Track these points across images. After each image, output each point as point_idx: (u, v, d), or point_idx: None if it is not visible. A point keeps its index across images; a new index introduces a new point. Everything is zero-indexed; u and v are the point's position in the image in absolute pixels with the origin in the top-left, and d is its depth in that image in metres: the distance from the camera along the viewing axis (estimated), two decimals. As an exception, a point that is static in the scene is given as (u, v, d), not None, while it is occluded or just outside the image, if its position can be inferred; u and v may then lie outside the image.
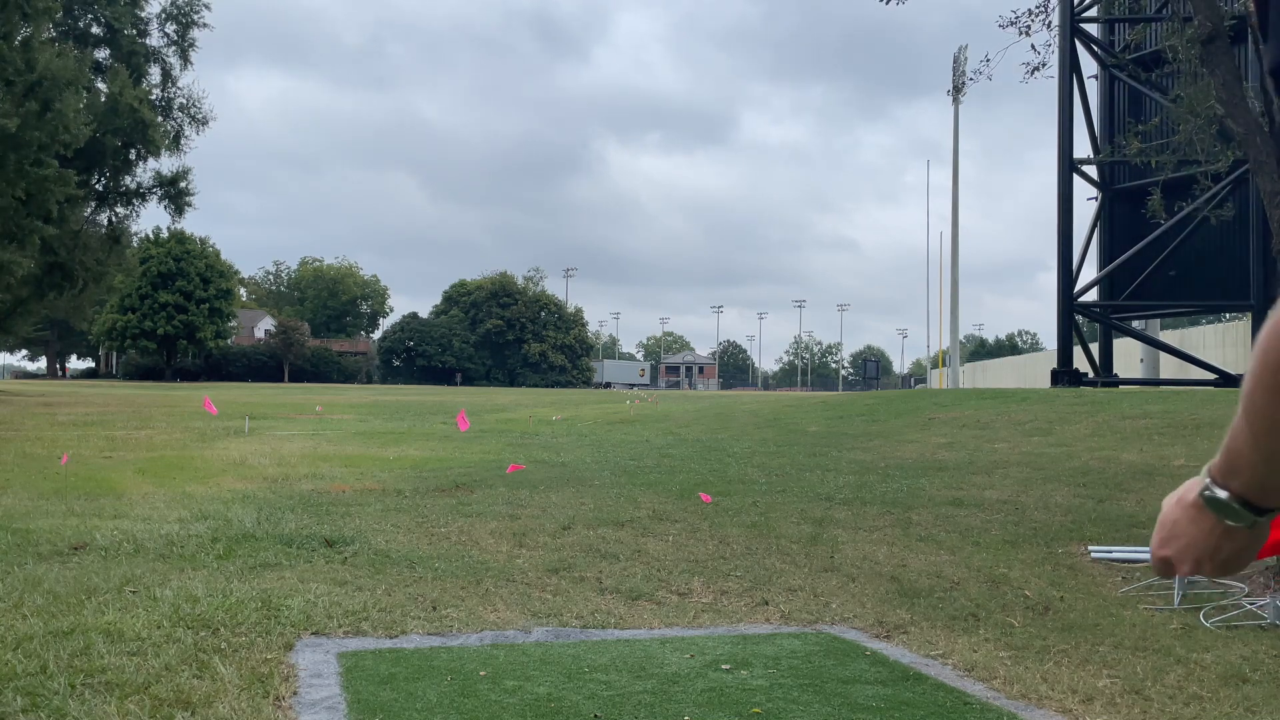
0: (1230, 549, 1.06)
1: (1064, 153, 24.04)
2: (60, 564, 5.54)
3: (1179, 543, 1.10)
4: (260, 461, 11.82)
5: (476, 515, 7.64)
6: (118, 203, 41.72)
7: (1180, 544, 1.10)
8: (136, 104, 36.77)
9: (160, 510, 7.64)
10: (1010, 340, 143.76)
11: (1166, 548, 1.11)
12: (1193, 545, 1.09)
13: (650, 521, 7.53)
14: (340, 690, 3.52)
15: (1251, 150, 6.13)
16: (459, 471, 11.03)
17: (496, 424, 21.71)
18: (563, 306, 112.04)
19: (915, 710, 3.48)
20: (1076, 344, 24.69)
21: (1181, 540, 1.09)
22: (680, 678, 3.79)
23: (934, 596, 5.30)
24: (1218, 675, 3.92)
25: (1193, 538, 1.08)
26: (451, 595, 5.04)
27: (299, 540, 6.37)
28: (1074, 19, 23.54)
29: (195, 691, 3.41)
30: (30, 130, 27.59)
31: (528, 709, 3.39)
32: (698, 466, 11.84)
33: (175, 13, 43.10)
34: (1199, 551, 1.08)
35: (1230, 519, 1.04)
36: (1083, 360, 25.22)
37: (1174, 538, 1.10)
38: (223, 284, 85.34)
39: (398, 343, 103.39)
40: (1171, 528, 1.10)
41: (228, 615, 4.41)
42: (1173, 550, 1.10)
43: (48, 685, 3.42)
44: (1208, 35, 6.22)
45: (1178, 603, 5.12)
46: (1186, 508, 1.08)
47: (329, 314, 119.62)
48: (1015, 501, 8.68)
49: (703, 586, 5.46)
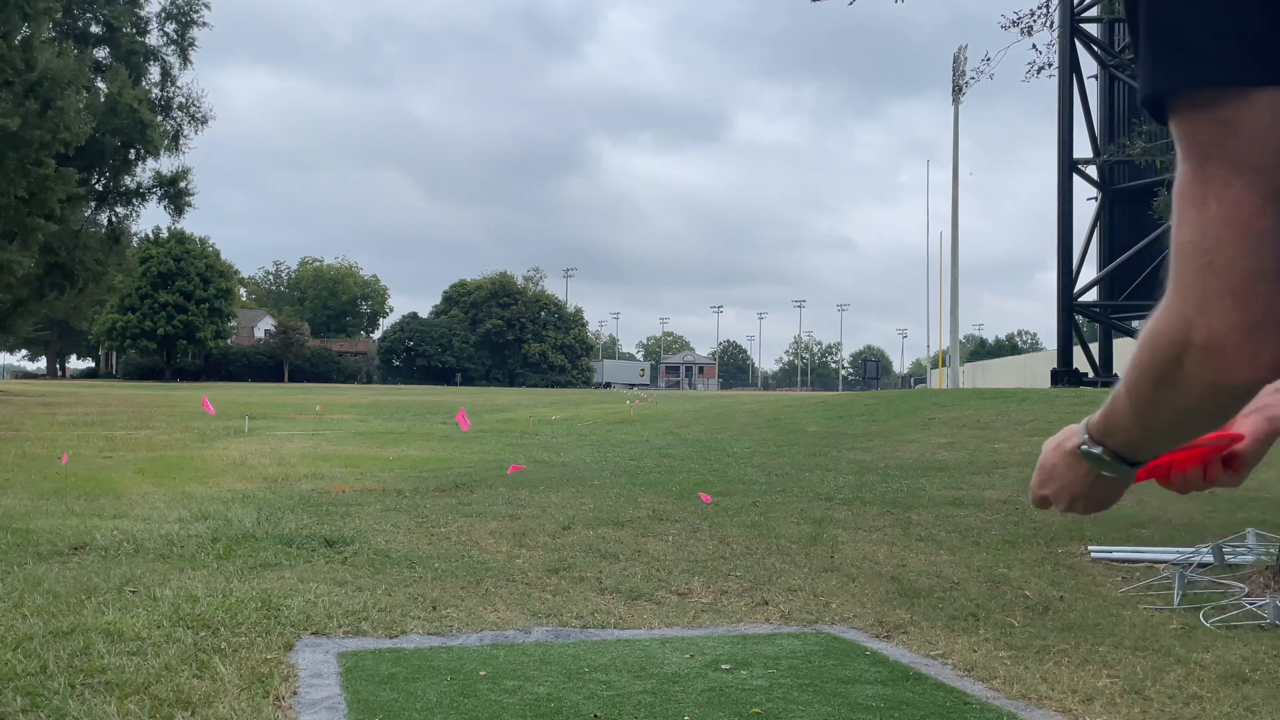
0: (1102, 492, 1.18)
1: (1064, 153, 24.05)
2: (60, 564, 5.54)
3: (1056, 484, 1.21)
4: (260, 461, 11.82)
5: (476, 515, 7.64)
6: (117, 203, 41.73)
7: (1057, 485, 1.21)
8: (136, 104, 36.78)
9: (160, 510, 7.64)
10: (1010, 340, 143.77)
11: (1045, 488, 1.23)
12: (1068, 486, 1.20)
13: (650, 521, 7.53)
14: (340, 690, 3.52)
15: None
16: (459, 471, 11.03)
17: (496, 424, 21.71)
18: (563, 306, 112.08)
19: (915, 710, 3.48)
20: (1076, 344, 24.70)
21: (1059, 482, 1.21)
22: (680, 678, 3.79)
23: (934, 596, 5.30)
24: (1218, 675, 3.92)
25: (1068, 480, 1.19)
26: (451, 595, 5.04)
27: (299, 540, 6.37)
28: (1074, 19, 23.55)
29: (195, 691, 3.41)
30: (31, 130, 27.60)
31: (528, 709, 3.38)
32: (698, 466, 11.84)
33: (175, 12, 43.11)
34: (1074, 492, 1.20)
35: (1105, 470, 1.13)
36: (1083, 360, 25.23)
37: (1052, 479, 1.21)
38: (222, 284, 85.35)
39: (397, 343, 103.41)
40: (1050, 470, 1.21)
41: (228, 615, 4.41)
42: (1051, 490, 1.22)
43: (48, 685, 3.42)
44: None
45: (1178, 603, 5.12)
46: (1064, 454, 1.18)
47: (329, 314, 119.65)
48: (1015, 501, 8.68)
49: (703, 586, 5.46)
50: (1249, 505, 8.23)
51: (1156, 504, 8.48)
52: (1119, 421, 1.07)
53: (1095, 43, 24.47)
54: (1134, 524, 7.55)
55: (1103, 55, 24.54)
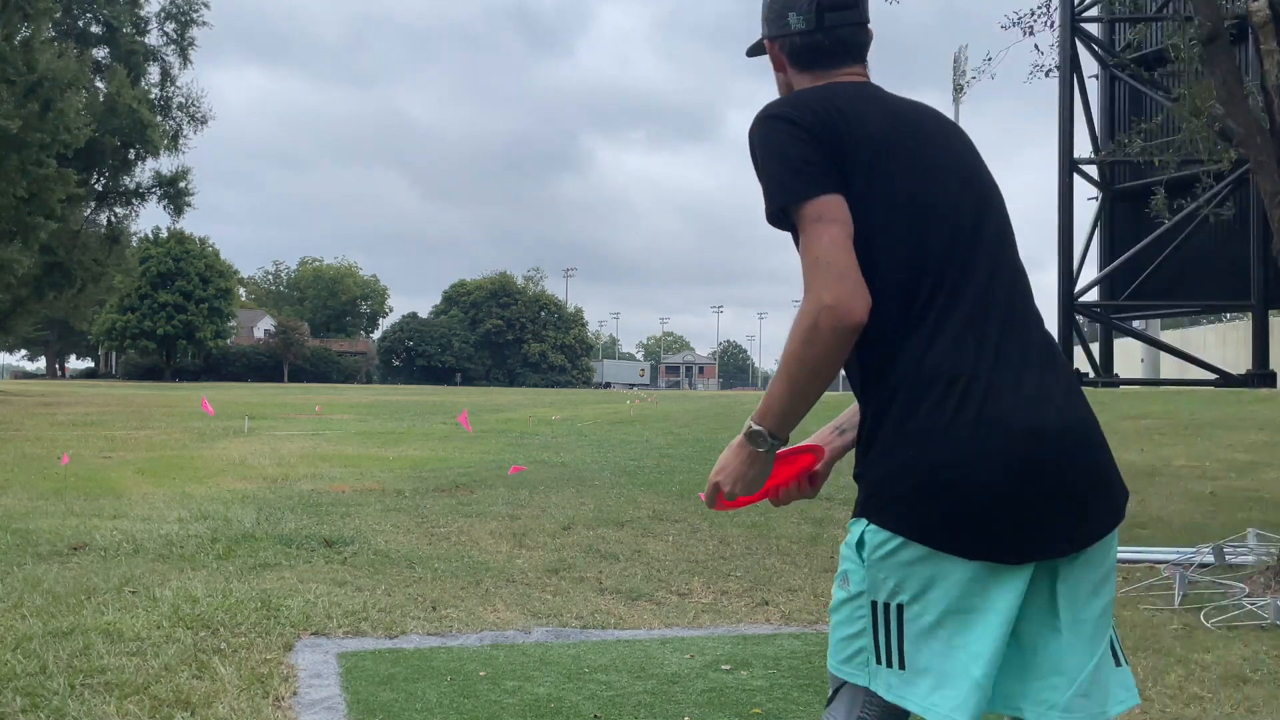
0: (754, 473, 1.67)
1: (1064, 152, 24.05)
2: (60, 564, 5.54)
3: (725, 471, 1.69)
4: (260, 461, 11.82)
5: (476, 515, 7.63)
6: (117, 203, 41.73)
7: (726, 472, 1.69)
8: (135, 104, 36.78)
9: (160, 510, 7.64)
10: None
11: (718, 476, 1.70)
12: (732, 470, 1.68)
13: (650, 521, 7.53)
14: (340, 690, 3.52)
15: (1251, 150, 6.12)
16: (459, 471, 11.03)
17: (496, 424, 21.70)
18: (562, 306, 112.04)
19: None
20: (1077, 344, 24.70)
21: (727, 469, 1.69)
22: (680, 678, 3.78)
23: (934, 597, 5.29)
24: (1218, 676, 3.92)
25: (734, 466, 1.68)
26: (451, 595, 5.04)
27: (299, 540, 6.37)
28: (1075, 19, 23.55)
29: (195, 692, 3.41)
30: (32, 131, 27.60)
31: (528, 709, 3.38)
32: (698, 466, 11.84)
33: (174, 11, 43.09)
34: (735, 474, 1.68)
35: (759, 446, 1.65)
36: (1083, 360, 25.22)
37: (724, 469, 1.69)
38: (222, 284, 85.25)
39: (397, 343, 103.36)
40: (724, 463, 1.69)
41: (227, 615, 4.40)
42: (721, 476, 1.69)
43: (47, 685, 3.42)
44: (1208, 35, 6.21)
45: (1178, 603, 5.12)
46: (735, 448, 1.68)
47: (328, 314, 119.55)
48: (1015, 501, 8.66)
49: (703, 586, 5.46)
50: (1249, 505, 8.22)
51: (1157, 505, 8.47)
52: (772, 401, 1.62)
53: (1096, 42, 24.46)
54: (1134, 524, 7.55)
55: (1103, 55, 24.52)
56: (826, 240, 1.56)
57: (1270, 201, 6.03)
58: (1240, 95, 6.22)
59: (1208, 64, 6.35)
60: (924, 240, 1.63)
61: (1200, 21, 6.23)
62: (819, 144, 1.62)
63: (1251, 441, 11.92)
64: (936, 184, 1.66)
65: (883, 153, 1.65)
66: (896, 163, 1.65)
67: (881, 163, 1.64)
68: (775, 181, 1.64)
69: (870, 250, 1.60)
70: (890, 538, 1.57)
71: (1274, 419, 13.30)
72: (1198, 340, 32.92)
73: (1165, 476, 10.00)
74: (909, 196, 1.64)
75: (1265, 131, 6.09)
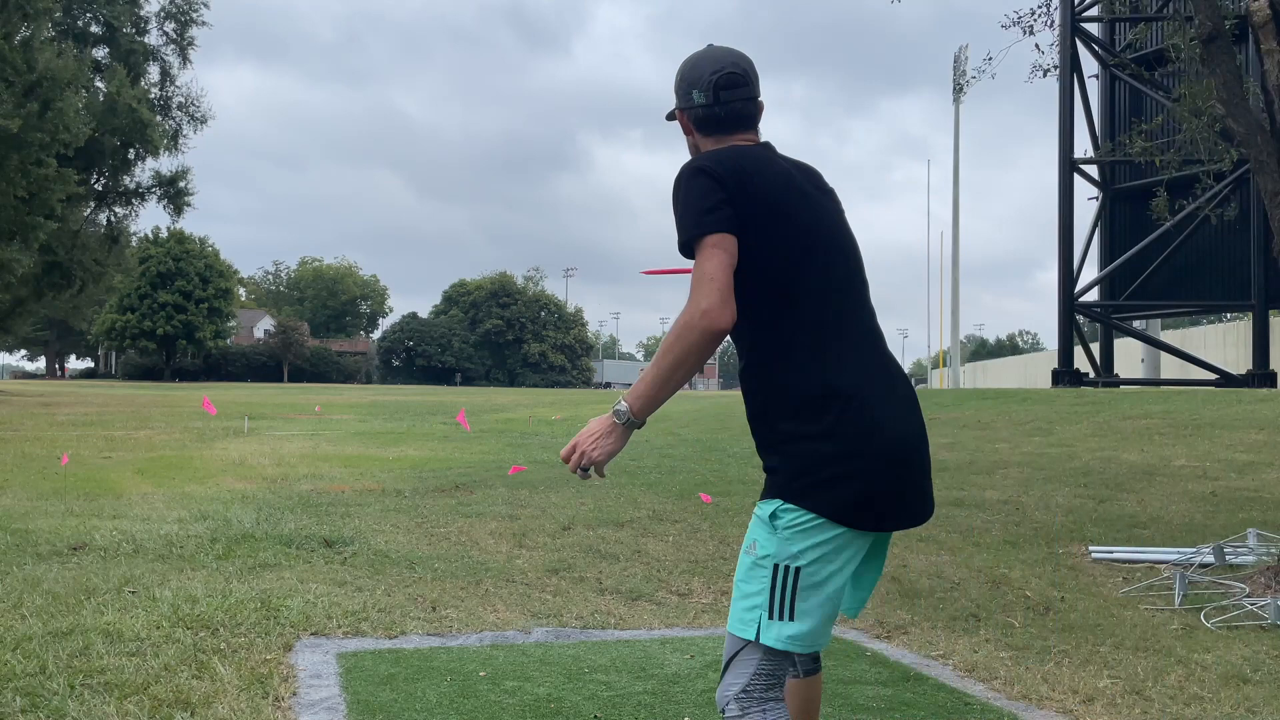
0: (610, 442, 2.06)
1: (1064, 152, 24.03)
2: (60, 564, 5.54)
3: (592, 437, 2.07)
4: (260, 461, 11.82)
5: (476, 515, 7.63)
6: (117, 202, 41.69)
7: (593, 439, 2.06)
8: (135, 103, 36.73)
9: (159, 510, 7.64)
10: (1011, 340, 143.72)
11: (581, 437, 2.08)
12: (597, 437, 2.06)
13: (650, 521, 7.53)
14: (340, 691, 3.51)
15: (1252, 150, 6.12)
16: (459, 471, 11.03)
17: (496, 424, 21.70)
18: (562, 306, 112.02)
19: (916, 711, 3.48)
20: (1077, 344, 24.68)
21: (594, 436, 2.07)
22: (680, 678, 3.78)
23: (934, 597, 5.30)
24: (1219, 676, 3.92)
25: (600, 433, 2.06)
26: (451, 596, 5.04)
27: (298, 540, 6.37)
28: (1075, 18, 23.53)
29: (195, 692, 3.40)
30: (32, 131, 27.59)
31: (528, 709, 3.38)
32: (698, 466, 11.84)
33: (174, 11, 43.06)
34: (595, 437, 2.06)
35: (620, 421, 2.06)
36: (1083, 360, 25.21)
37: (590, 434, 2.07)
38: (222, 284, 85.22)
39: (397, 343, 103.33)
40: (592, 429, 2.07)
41: (227, 616, 4.40)
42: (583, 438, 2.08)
43: (47, 685, 3.42)
44: (1209, 34, 6.20)
45: (1178, 603, 5.12)
46: (603, 419, 2.07)
47: (328, 314, 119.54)
48: (1016, 502, 8.67)
49: (703, 587, 5.46)
50: (1249, 505, 8.22)
51: (1157, 505, 8.47)
52: (640, 386, 2.03)
53: (1096, 42, 24.44)
54: (1135, 524, 7.55)
55: (1103, 55, 24.51)
56: (715, 263, 1.98)
57: (1270, 201, 6.03)
58: (1240, 95, 6.22)
59: (1208, 64, 6.34)
60: (805, 279, 2.09)
61: (1200, 21, 6.23)
62: (727, 194, 2.06)
63: (1251, 441, 11.91)
64: (811, 236, 2.13)
65: (775, 209, 2.10)
66: (783, 218, 2.10)
67: (773, 217, 2.10)
68: (690, 218, 2.05)
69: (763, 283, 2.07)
70: (805, 516, 2.01)
71: (1274, 419, 13.30)
72: (1198, 340, 32.90)
73: (1165, 476, 10.00)
74: (791, 245, 2.09)
75: (1265, 131, 6.09)
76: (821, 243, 2.13)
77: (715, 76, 2.23)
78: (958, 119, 41.33)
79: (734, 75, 2.24)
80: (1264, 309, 22.77)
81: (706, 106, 2.25)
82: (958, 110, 41.30)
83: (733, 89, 2.23)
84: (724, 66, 2.24)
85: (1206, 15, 6.16)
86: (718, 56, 2.27)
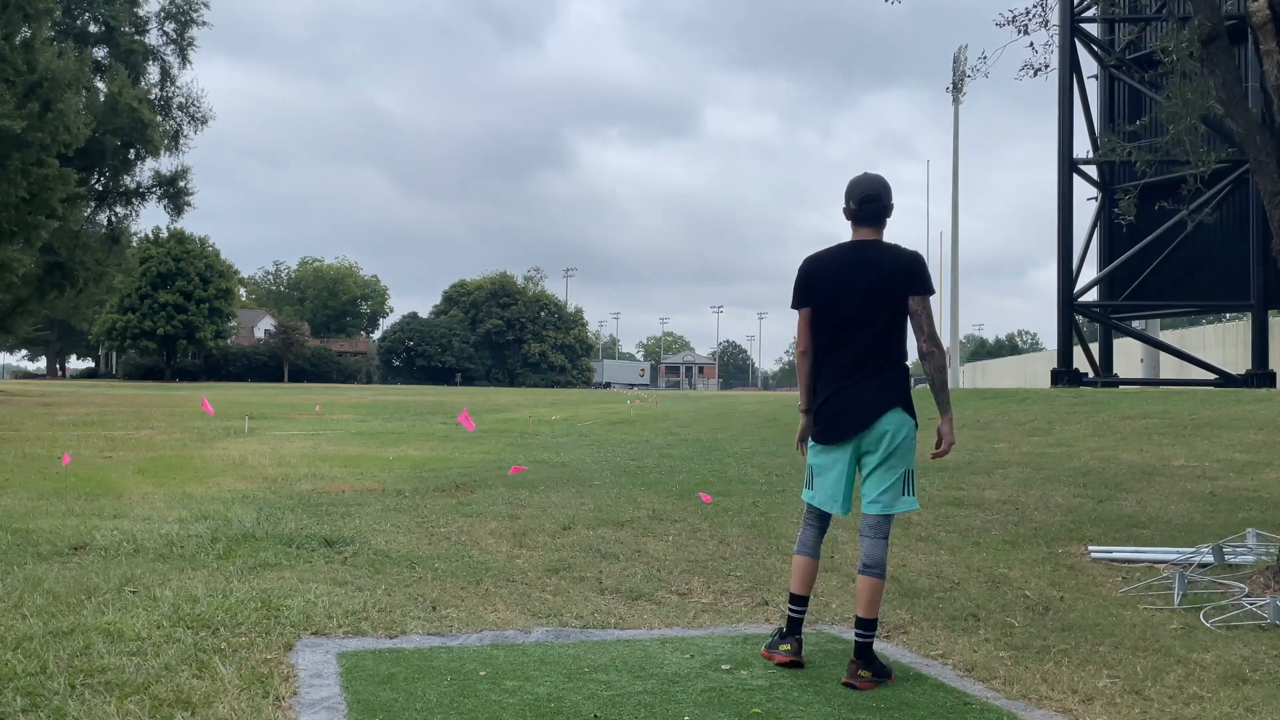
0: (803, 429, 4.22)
1: (1064, 152, 24.02)
2: (60, 564, 5.54)
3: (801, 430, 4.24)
4: (260, 461, 11.82)
5: (476, 515, 7.64)
6: (117, 202, 41.69)
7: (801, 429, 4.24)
8: (135, 103, 36.73)
9: (160, 510, 7.64)
10: (1010, 340, 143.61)
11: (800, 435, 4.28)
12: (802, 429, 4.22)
13: (650, 521, 7.53)
14: (340, 690, 3.52)
15: (1251, 150, 6.12)
16: (459, 471, 11.03)
17: (496, 424, 21.71)
18: (563, 306, 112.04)
19: (915, 710, 3.48)
20: (1077, 344, 24.68)
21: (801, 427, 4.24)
22: (680, 678, 3.78)
23: (934, 596, 5.30)
24: (1218, 675, 3.92)
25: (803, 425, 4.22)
26: (451, 595, 5.04)
27: (299, 540, 6.37)
28: (1074, 18, 23.53)
29: (195, 691, 3.41)
30: (33, 131, 27.59)
31: (528, 709, 3.38)
32: (698, 466, 11.84)
33: (174, 11, 43.07)
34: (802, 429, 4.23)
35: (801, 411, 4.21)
36: (1083, 360, 25.21)
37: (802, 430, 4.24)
38: (222, 284, 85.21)
39: (397, 343, 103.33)
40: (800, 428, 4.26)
41: (227, 615, 4.41)
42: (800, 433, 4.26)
43: (48, 685, 3.42)
44: (1208, 35, 6.20)
45: (1178, 603, 5.12)
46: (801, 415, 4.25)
47: (329, 314, 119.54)
48: (1015, 501, 8.68)
49: (703, 586, 5.46)
50: (1249, 505, 8.23)
51: (1157, 504, 8.48)
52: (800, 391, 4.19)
53: (1095, 42, 24.44)
54: (1134, 524, 7.55)
55: (1103, 55, 24.50)
56: (802, 324, 4.11)
57: (1270, 201, 6.03)
58: (1240, 95, 6.22)
59: (1207, 64, 6.35)
60: (828, 331, 4.04)
61: (1199, 21, 6.23)
62: (805, 282, 4.11)
63: (1251, 441, 11.92)
64: (841, 307, 4.00)
65: (824, 291, 4.04)
66: (828, 297, 4.04)
67: (822, 296, 4.05)
68: (795, 295, 4.15)
69: (816, 332, 4.08)
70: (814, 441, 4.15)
71: (1273, 419, 13.30)
72: (1197, 340, 32.89)
73: (1165, 476, 10.00)
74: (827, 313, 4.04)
75: (1265, 131, 6.09)
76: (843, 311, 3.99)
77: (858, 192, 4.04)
78: (957, 119, 41.24)
79: (868, 194, 4.02)
80: (1263, 309, 22.76)
81: (853, 210, 4.06)
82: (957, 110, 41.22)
83: (869, 202, 4.02)
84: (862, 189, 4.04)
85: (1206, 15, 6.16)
86: (859, 181, 4.06)
